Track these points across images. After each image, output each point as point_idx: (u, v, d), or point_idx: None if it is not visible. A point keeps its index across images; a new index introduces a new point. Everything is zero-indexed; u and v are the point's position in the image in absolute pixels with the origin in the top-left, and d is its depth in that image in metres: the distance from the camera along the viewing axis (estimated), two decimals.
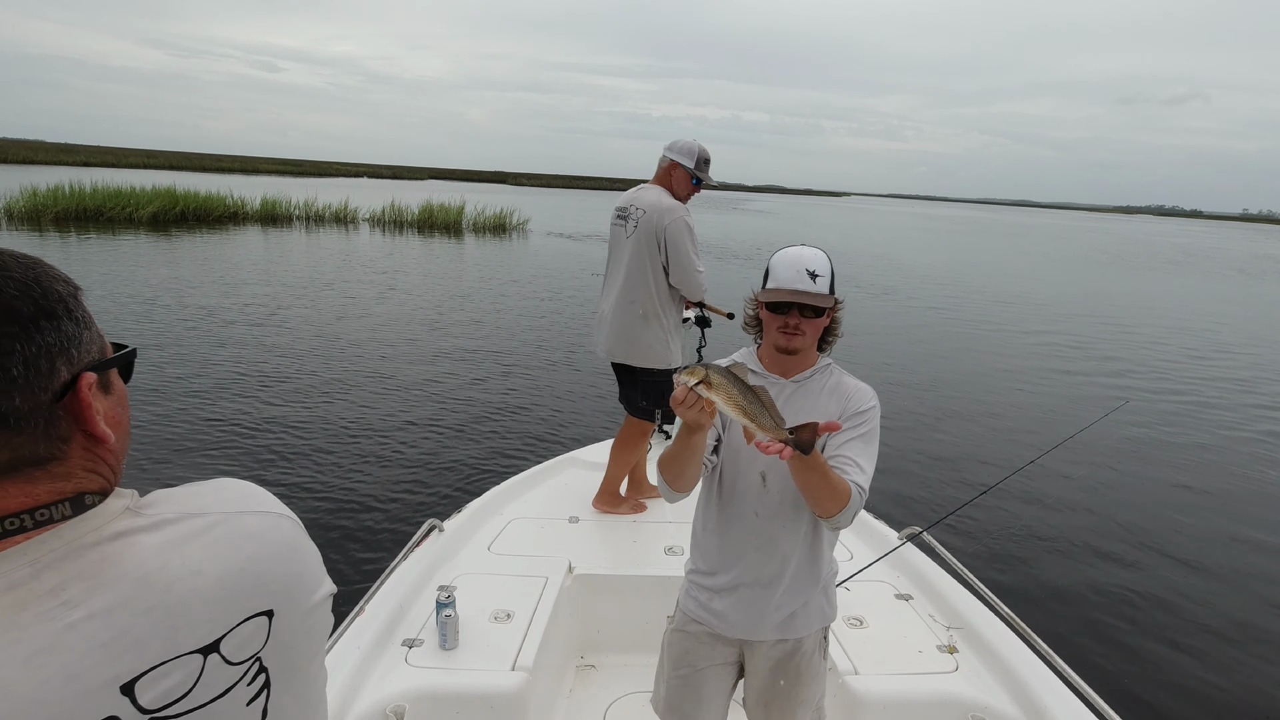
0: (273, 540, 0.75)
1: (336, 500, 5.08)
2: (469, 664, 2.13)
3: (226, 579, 0.69)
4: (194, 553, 0.69)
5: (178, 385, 7.32)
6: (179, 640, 0.65)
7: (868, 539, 3.01)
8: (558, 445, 5.99)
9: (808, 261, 1.64)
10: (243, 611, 0.70)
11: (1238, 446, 7.63)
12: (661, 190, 3.22)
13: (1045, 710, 1.99)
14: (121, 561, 0.65)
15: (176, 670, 0.65)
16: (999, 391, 9.24)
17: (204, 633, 0.67)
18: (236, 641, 0.69)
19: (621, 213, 3.27)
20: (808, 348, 1.69)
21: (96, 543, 0.65)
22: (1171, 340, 13.57)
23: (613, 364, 3.41)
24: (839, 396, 1.71)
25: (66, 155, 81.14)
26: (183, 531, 0.69)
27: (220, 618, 0.68)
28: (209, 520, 0.71)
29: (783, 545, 1.70)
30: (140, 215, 23.09)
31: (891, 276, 20.78)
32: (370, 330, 10.35)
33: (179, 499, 0.72)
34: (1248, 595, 4.66)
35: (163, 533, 0.68)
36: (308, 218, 28.43)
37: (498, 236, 26.67)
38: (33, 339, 0.65)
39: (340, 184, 62.32)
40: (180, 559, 0.67)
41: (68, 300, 0.70)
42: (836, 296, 1.69)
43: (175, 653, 0.65)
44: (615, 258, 3.28)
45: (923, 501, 5.67)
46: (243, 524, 0.73)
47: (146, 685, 0.63)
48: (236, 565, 0.70)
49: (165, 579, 0.66)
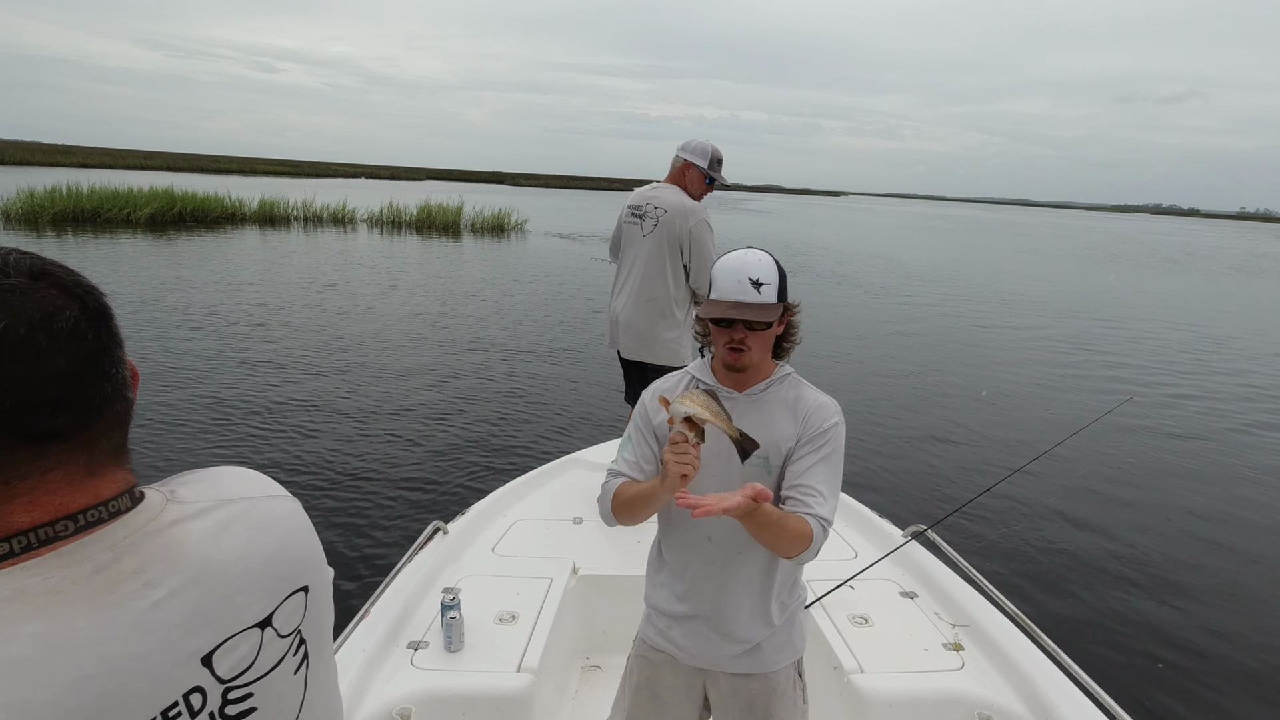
0: (298, 523, 0.82)
1: (340, 503, 5.07)
2: (474, 666, 2.13)
3: (271, 559, 0.76)
4: (239, 536, 0.75)
5: (178, 387, 7.31)
6: (242, 616, 0.72)
7: (872, 537, 3.01)
8: (561, 446, 5.98)
9: (750, 269, 1.50)
10: (286, 588, 0.77)
11: (1243, 441, 7.65)
12: (679, 190, 3.22)
13: (1052, 707, 1.99)
14: (184, 545, 0.71)
15: (243, 643, 0.72)
16: (1002, 389, 9.24)
17: (260, 608, 0.74)
18: (284, 616, 0.76)
19: (636, 210, 3.25)
20: (757, 362, 1.56)
21: (159, 530, 0.71)
22: (1174, 337, 13.60)
23: (623, 361, 3.43)
24: (797, 413, 1.57)
25: (63, 156, 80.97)
26: (223, 517, 0.75)
27: (271, 594, 0.75)
28: (242, 506, 0.77)
29: (740, 572, 1.60)
30: (138, 216, 23.03)
31: (891, 276, 20.81)
32: (370, 331, 10.33)
33: (204, 488, 0.77)
34: (1254, 590, 4.67)
35: (208, 519, 0.74)
36: (306, 218, 28.39)
37: (496, 237, 26.66)
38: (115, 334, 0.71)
39: (338, 185, 62.28)
40: (230, 542, 0.74)
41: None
42: (790, 302, 1.57)
43: (240, 627, 0.72)
44: (629, 255, 3.28)
45: (927, 499, 5.68)
46: (270, 508, 0.80)
47: (221, 657, 0.70)
48: (275, 546, 0.78)
49: (222, 560, 0.72)
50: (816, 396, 1.61)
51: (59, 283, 0.67)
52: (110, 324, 0.70)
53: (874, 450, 6.64)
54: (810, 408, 1.57)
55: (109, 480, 0.69)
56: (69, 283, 0.68)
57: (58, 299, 0.65)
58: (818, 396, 1.61)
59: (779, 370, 1.62)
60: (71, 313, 0.66)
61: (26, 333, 0.62)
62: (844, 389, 8.61)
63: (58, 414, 0.64)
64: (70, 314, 0.66)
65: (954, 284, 19.98)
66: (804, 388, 1.63)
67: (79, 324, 0.66)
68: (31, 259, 0.67)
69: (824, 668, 2.30)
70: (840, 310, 14.48)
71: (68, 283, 0.67)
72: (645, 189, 3.33)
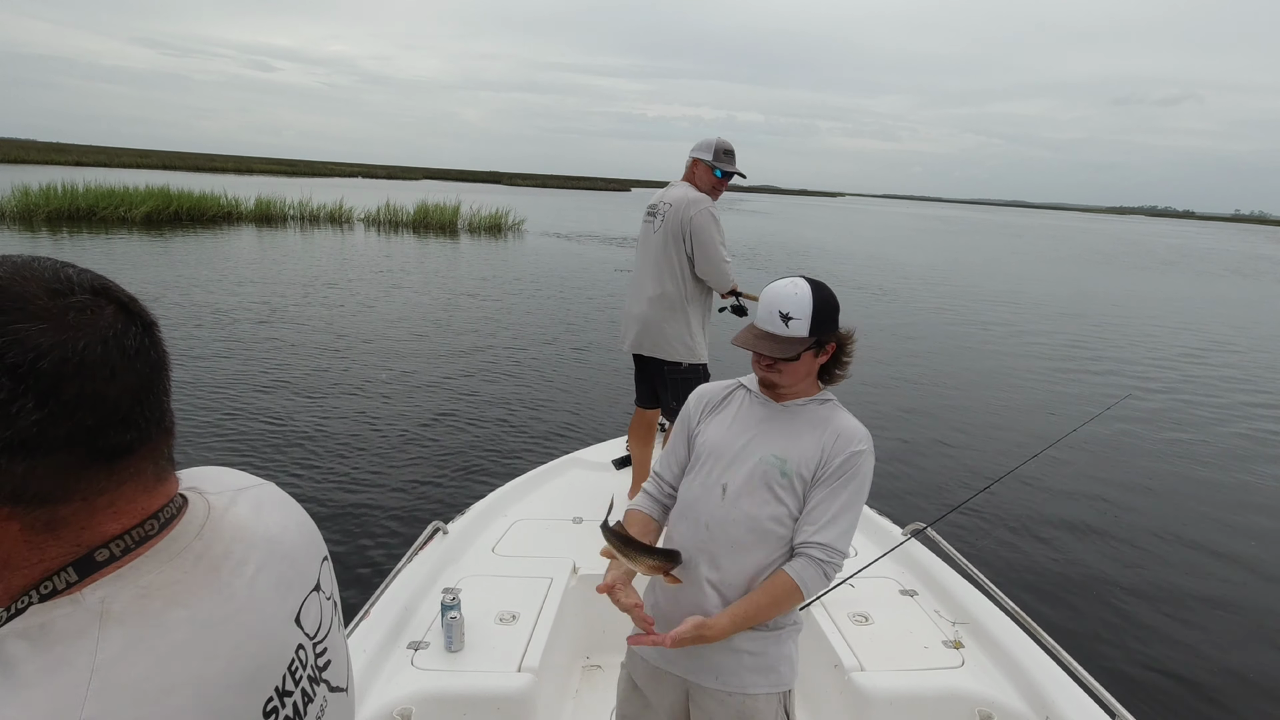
0: (295, 502, 0.89)
1: (340, 503, 5.06)
2: (475, 666, 2.12)
3: (303, 531, 0.84)
4: (274, 514, 0.82)
5: (176, 388, 7.28)
6: (305, 580, 0.81)
7: (872, 535, 3.02)
8: (561, 446, 5.98)
9: (783, 302, 1.54)
10: (318, 556, 0.85)
11: (1242, 439, 7.67)
12: (687, 185, 3.28)
13: (1052, 704, 1.99)
14: (246, 526, 0.77)
15: (312, 604, 0.81)
16: (1001, 387, 9.27)
17: (312, 573, 0.82)
18: (326, 580, 0.85)
19: (651, 210, 3.33)
20: (792, 384, 1.60)
21: (220, 517, 0.76)
22: (1172, 337, 13.65)
23: (636, 360, 3.45)
24: (824, 434, 1.58)
25: (59, 155, 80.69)
26: (251, 501, 0.81)
27: (313, 561, 0.84)
28: (254, 491, 0.83)
29: (735, 564, 1.58)
30: (134, 215, 22.96)
31: (889, 276, 20.84)
32: (368, 331, 10.31)
33: (211, 480, 0.82)
34: (1254, 588, 4.68)
35: (241, 504, 0.80)
36: (302, 218, 28.32)
37: (493, 237, 26.62)
38: (164, 347, 0.74)
39: (335, 184, 62.19)
40: (271, 520, 0.81)
41: None
42: (829, 334, 1.59)
43: (307, 589, 0.80)
44: (644, 254, 3.33)
45: (926, 497, 5.69)
46: (272, 492, 0.86)
47: (305, 616, 0.79)
48: (299, 520, 0.85)
49: (277, 535, 0.80)
50: (848, 423, 1.62)
51: (118, 299, 0.68)
52: (160, 337, 0.73)
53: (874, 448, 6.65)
54: (839, 429, 1.59)
55: (172, 482, 0.75)
56: (126, 299, 0.70)
57: (120, 315, 0.67)
58: (849, 423, 1.62)
59: (821, 394, 1.66)
60: (136, 329, 0.68)
61: (103, 352, 0.64)
62: (844, 388, 8.61)
63: (128, 430, 0.67)
64: (135, 331, 0.68)
65: (952, 284, 20.02)
66: (839, 413, 1.64)
67: (143, 340, 0.68)
68: (90, 275, 0.68)
69: (824, 666, 2.31)
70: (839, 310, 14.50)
71: (125, 299, 0.69)
72: (661, 189, 3.41)
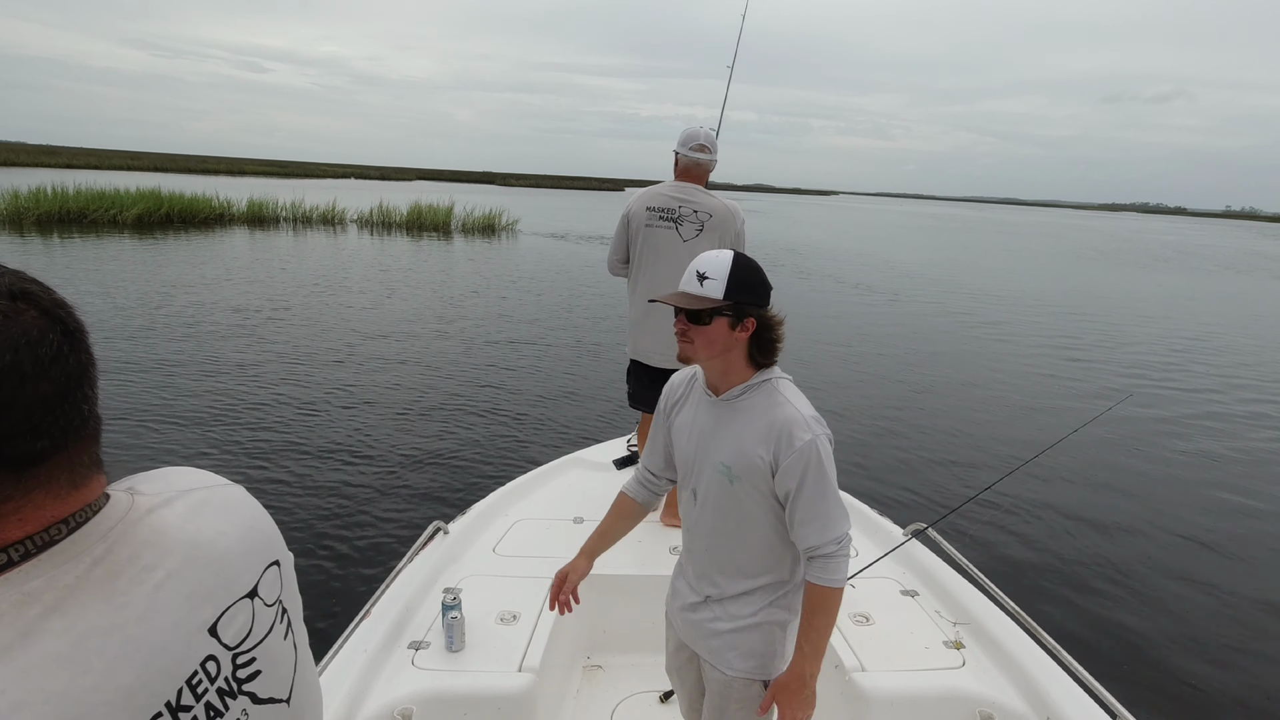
0: (254, 506, 0.87)
1: (341, 504, 5.05)
2: (476, 666, 2.12)
3: (245, 536, 0.81)
4: (213, 518, 0.79)
5: (174, 388, 7.26)
6: (233, 588, 0.77)
7: (873, 535, 3.02)
8: (561, 446, 5.97)
9: (702, 263, 1.55)
10: (262, 562, 0.82)
11: (1245, 438, 7.70)
12: (703, 189, 3.14)
13: (1052, 704, 1.99)
14: (168, 530, 0.75)
15: (239, 613, 0.77)
16: (1002, 388, 9.28)
17: (246, 580, 0.79)
18: (266, 586, 0.81)
19: (668, 214, 3.10)
20: (705, 358, 1.58)
21: (139, 519, 0.74)
22: (1173, 336, 13.69)
23: (648, 369, 3.27)
24: (769, 432, 1.54)
25: (49, 157, 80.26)
26: (190, 503, 0.79)
27: (252, 568, 0.80)
28: (202, 494, 0.81)
29: (713, 562, 1.68)
30: (124, 218, 22.85)
31: (886, 276, 20.90)
32: (366, 332, 10.28)
33: (159, 484, 0.80)
34: (1256, 588, 4.69)
35: (177, 506, 0.78)
36: (295, 219, 28.24)
37: (487, 237, 26.58)
38: (90, 353, 0.72)
39: (327, 185, 62.03)
40: (206, 524, 0.78)
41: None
42: (746, 304, 1.53)
43: (234, 598, 0.77)
44: (666, 260, 3.09)
45: (927, 497, 5.69)
46: (227, 494, 0.84)
47: (224, 626, 0.75)
48: (246, 524, 0.82)
49: (206, 539, 0.77)
50: (789, 412, 1.54)
51: (39, 303, 0.66)
52: (87, 343, 0.70)
53: (874, 449, 6.67)
54: (779, 429, 1.53)
55: (91, 488, 0.72)
56: (48, 303, 0.67)
57: (40, 321, 0.65)
58: (788, 412, 1.54)
59: (757, 376, 1.60)
60: (54, 336, 0.66)
61: (12, 360, 0.62)
62: (843, 388, 8.65)
63: (38, 438, 0.65)
64: (53, 338, 0.66)
65: (949, 283, 20.07)
66: (779, 399, 1.57)
67: (61, 348, 0.66)
68: (10, 277, 0.65)
69: (825, 666, 2.30)
70: (837, 310, 14.53)
71: (47, 303, 0.67)
72: (665, 190, 3.15)
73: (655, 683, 2.49)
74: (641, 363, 3.28)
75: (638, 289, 3.20)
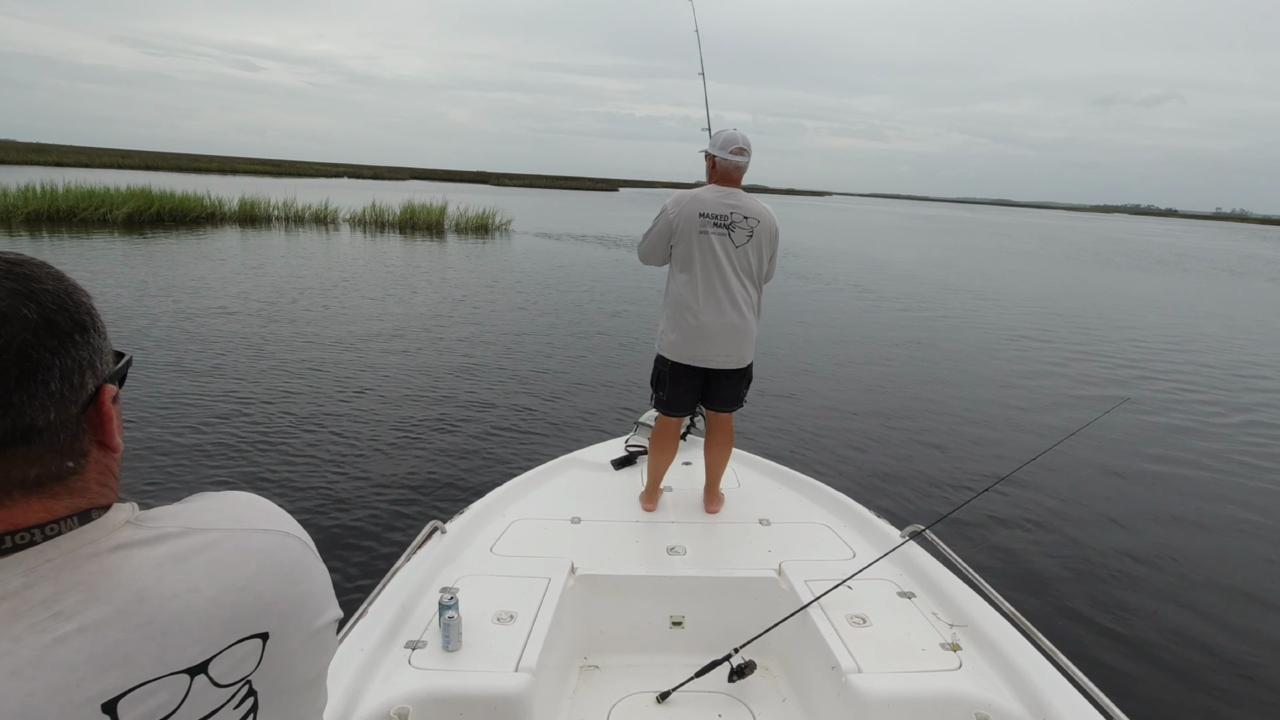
0: (277, 559, 0.73)
1: (338, 503, 5.02)
2: (472, 665, 2.11)
3: (223, 598, 0.68)
4: (193, 569, 0.67)
5: (170, 388, 7.21)
6: (168, 658, 0.64)
7: (870, 537, 3.02)
8: (559, 446, 5.96)
9: None
10: (236, 633, 0.68)
11: (1243, 441, 7.71)
12: (744, 193, 3.20)
13: (1050, 707, 1.99)
14: (117, 574, 0.64)
15: (162, 690, 0.63)
16: (1000, 389, 9.29)
17: (195, 652, 0.65)
18: (227, 664, 0.67)
19: (721, 221, 3.11)
20: None
21: (94, 555, 0.64)
22: (1172, 338, 13.72)
23: (695, 370, 3.28)
24: None
25: (38, 155, 79.65)
26: (184, 546, 0.68)
27: (213, 638, 0.66)
28: (213, 536, 0.70)
29: None
30: (115, 216, 22.67)
31: (882, 277, 20.91)
32: (361, 333, 10.23)
33: (184, 513, 0.71)
34: (1255, 590, 4.70)
35: (163, 547, 0.67)
36: (287, 218, 28.08)
37: (480, 237, 26.52)
38: (69, 352, 0.65)
39: (320, 184, 61.77)
40: (178, 575, 0.66)
41: (93, 310, 0.71)
42: None
43: (162, 671, 0.63)
44: (725, 266, 3.12)
45: (925, 499, 5.69)
46: (248, 541, 0.72)
47: (130, 704, 0.62)
48: (236, 584, 0.69)
49: (160, 594, 0.64)
50: None
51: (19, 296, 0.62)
52: (25, 361, 0.62)
53: (871, 450, 6.66)
54: None
55: (25, 508, 0.63)
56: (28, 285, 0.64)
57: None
58: None
59: None
60: None
61: None
62: (842, 389, 8.65)
63: None
64: None
65: (945, 284, 20.10)
66: None
67: None
68: None
69: (822, 667, 2.30)
70: (835, 310, 14.55)
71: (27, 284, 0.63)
72: (715, 197, 3.14)
73: (653, 683, 2.49)
74: (688, 365, 3.25)
75: (699, 296, 3.16)
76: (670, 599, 2.70)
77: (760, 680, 2.52)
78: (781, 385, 8.53)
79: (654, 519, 3.23)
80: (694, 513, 3.30)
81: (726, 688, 2.42)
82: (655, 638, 2.69)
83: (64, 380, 0.64)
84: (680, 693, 2.40)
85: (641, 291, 15.04)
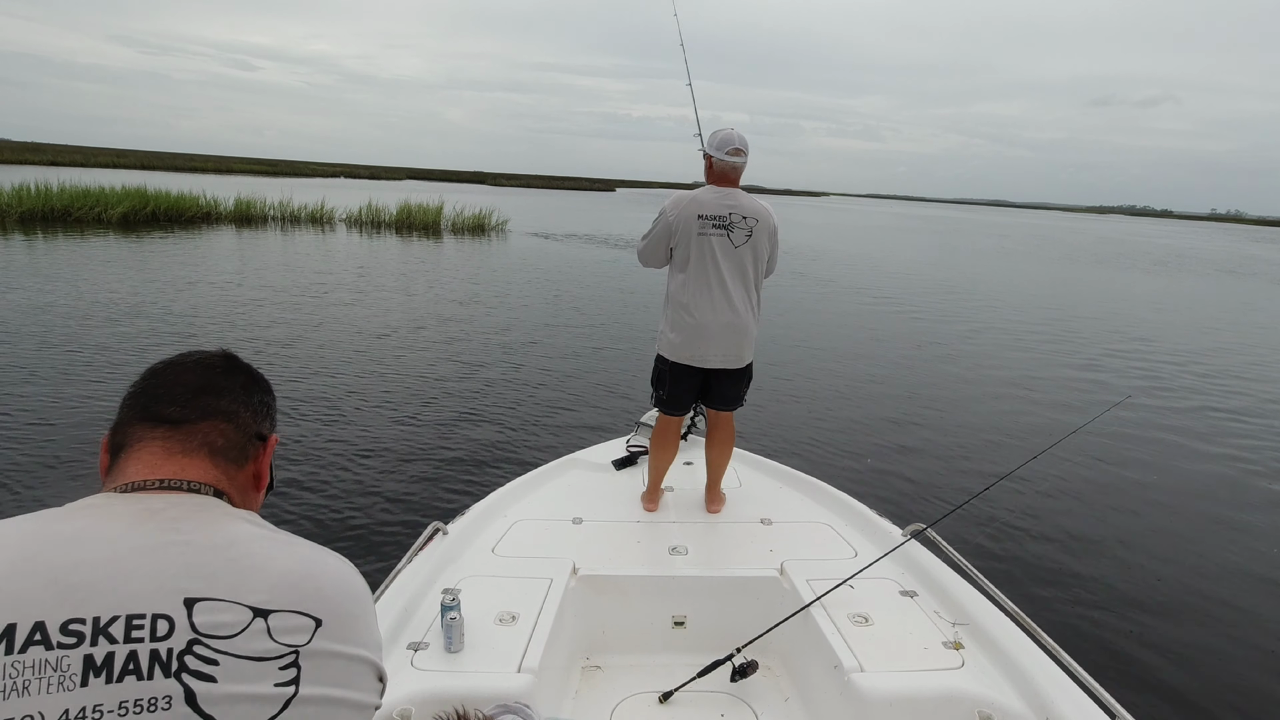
0: (340, 574, 0.94)
1: (338, 504, 5.01)
2: (475, 666, 2.11)
3: (289, 573, 0.88)
4: (278, 549, 0.90)
5: None
6: (240, 592, 0.83)
7: (871, 536, 3.02)
8: (560, 446, 5.95)
9: None
10: (294, 604, 0.86)
11: (1243, 441, 7.73)
12: (742, 192, 3.20)
13: (1052, 705, 1.99)
14: (226, 528, 0.89)
15: (229, 612, 0.81)
16: (1001, 388, 9.30)
17: (261, 598, 0.84)
18: (283, 623, 0.84)
19: (720, 222, 3.12)
20: None
21: (217, 517, 0.90)
22: (1172, 338, 13.76)
23: (692, 368, 3.28)
24: None
25: (32, 154, 79.34)
26: (279, 538, 0.92)
27: (276, 595, 0.85)
28: (302, 544, 0.93)
29: None
30: (110, 216, 22.61)
31: (881, 277, 20.96)
32: (360, 333, 10.22)
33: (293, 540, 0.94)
34: (1255, 590, 4.71)
35: (263, 531, 0.92)
36: (283, 218, 28.04)
37: (477, 237, 26.49)
38: (261, 395, 1.08)
39: (316, 184, 61.65)
40: (265, 546, 0.90)
41: (272, 392, 1.13)
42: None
43: (234, 598, 0.82)
44: (723, 266, 3.13)
45: (926, 498, 5.70)
46: (326, 556, 0.95)
47: (204, 610, 0.81)
48: (305, 571, 0.90)
49: (249, 549, 0.87)
50: None
51: (227, 353, 1.07)
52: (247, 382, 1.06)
53: (873, 449, 6.67)
54: None
55: (195, 465, 0.95)
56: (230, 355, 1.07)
57: (219, 357, 1.05)
58: None
59: None
60: (216, 360, 1.04)
61: (179, 359, 1.02)
62: (842, 389, 8.66)
63: (171, 405, 0.96)
64: (215, 361, 1.03)
65: (945, 285, 20.14)
66: None
67: (215, 363, 1.03)
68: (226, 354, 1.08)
69: (824, 666, 2.30)
70: (835, 310, 14.58)
71: (230, 355, 1.07)
72: (713, 198, 3.14)
73: (655, 683, 2.48)
74: (687, 365, 3.25)
75: (698, 296, 3.17)
76: (672, 599, 2.70)
77: (762, 680, 2.52)
78: (782, 385, 8.55)
79: (655, 519, 3.22)
80: (695, 512, 3.30)
81: (729, 687, 2.42)
82: (657, 638, 2.69)
83: (257, 406, 1.05)
84: (683, 693, 2.39)
85: (640, 291, 15.04)
